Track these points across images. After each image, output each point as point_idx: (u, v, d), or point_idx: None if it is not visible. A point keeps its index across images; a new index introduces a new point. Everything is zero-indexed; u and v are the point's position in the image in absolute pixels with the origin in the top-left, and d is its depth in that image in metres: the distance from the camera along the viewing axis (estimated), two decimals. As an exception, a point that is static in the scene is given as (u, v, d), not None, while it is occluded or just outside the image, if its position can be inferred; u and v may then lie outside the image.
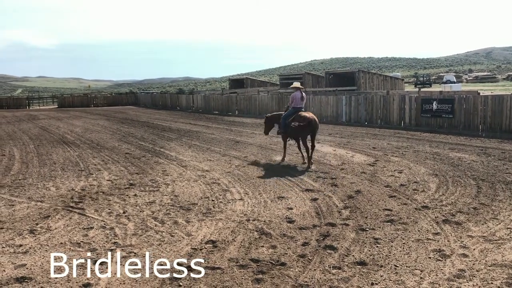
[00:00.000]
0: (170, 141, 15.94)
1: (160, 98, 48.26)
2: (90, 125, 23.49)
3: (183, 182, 8.84)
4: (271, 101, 29.98)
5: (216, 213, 6.66)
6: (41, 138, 17.40)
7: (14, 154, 13.09)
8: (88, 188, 8.43)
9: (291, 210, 6.76)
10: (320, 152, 12.44)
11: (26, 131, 20.94)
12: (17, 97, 69.02)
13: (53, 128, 22.18)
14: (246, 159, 11.49)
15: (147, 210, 6.87)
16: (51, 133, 19.46)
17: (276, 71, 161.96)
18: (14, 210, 6.97)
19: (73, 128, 21.95)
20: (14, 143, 15.98)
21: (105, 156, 12.49)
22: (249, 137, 16.90)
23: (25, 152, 13.48)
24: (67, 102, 54.07)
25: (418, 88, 34.95)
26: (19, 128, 22.65)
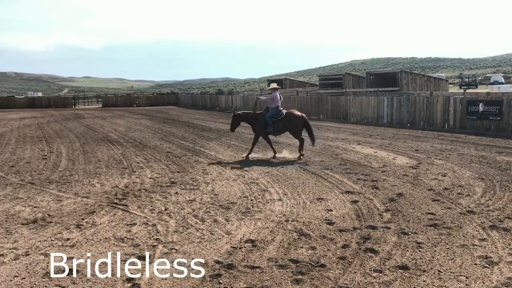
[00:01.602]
0: (209, 140, 16.15)
1: (200, 99, 48.97)
2: (133, 124, 24.12)
3: (222, 181, 8.94)
4: (310, 102, 29.82)
5: (255, 212, 6.69)
6: (87, 137, 18.03)
7: (62, 152, 13.63)
8: (131, 185, 8.66)
9: (331, 211, 6.70)
10: (360, 154, 12.27)
11: (73, 129, 21.75)
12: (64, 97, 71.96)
13: (97, 126, 22.93)
14: (284, 160, 11.47)
15: (188, 208, 6.98)
16: (96, 132, 20.13)
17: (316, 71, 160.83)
18: (62, 205, 7.26)
19: (116, 127, 22.61)
20: (61, 141, 16.64)
21: (148, 154, 12.79)
22: (287, 138, 16.81)
23: (72, 150, 14.01)
24: (111, 102, 55.74)
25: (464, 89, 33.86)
26: (65, 126, 23.56)
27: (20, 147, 14.83)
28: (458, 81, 74.80)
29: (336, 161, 11.11)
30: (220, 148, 13.92)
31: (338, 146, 14.12)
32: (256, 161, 11.38)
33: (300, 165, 10.60)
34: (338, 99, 27.37)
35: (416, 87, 36.55)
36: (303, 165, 10.60)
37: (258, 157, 11.95)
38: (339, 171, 9.83)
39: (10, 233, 5.81)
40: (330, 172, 9.72)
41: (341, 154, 12.27)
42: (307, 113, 27.06)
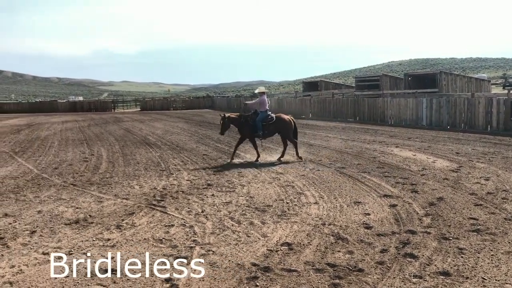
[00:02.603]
0: (244, 143, 16.19)
1: (235, 102, 49.33)
2: (170, 128, 24.56)
3: (258, 184, 8.96)
4: (346, 104, 29.48)
5: (291, 215, 6.66)
6: (126, 139, 18.49)
7: (102, 154, 14.03)
8: (169, 187, 8.81)
9: (368, 215, 6.59)
10: (399, 157, 12.03)
11: (112, 132, 22.36)
12: (104, 101, 74.13)
13: (136, 130, 23.47)
14: (320, 163, 11.39)
15: (224, 210, 7.03)
16: (134, 135, 20.61)
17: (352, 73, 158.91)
18: (103, 206, 7.46)
19: (154, 130, 23.07)
20: (102, 143, 17.13)
21: (184, 157, 12.99)
22: (323, 140, 16.74)
23: (111, 152, 14.39)
24: (148, 105, 57.03)
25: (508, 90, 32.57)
26: (105, 129, 24.24)
27: (62, 150, 15.37)
28: (501, 81, 72.08)
29: (374, 164, 10.93)
30: (255, 151, 13.93)
31: (376, 149, 13.89)
32: (291, 163, 11.35)
33: (337, 168, 10.49)
34: (375, 101, 26.95)
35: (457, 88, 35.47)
36: (339, 168, 10.48)
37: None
38: (377, 174, 9.66)
39: (54, 233, 6.02)
40: (367, 176, 9.56)
41: (379, 157, 12.06)
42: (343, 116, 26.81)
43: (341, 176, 9.63)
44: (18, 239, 5.77)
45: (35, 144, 17.56)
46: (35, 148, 16.00)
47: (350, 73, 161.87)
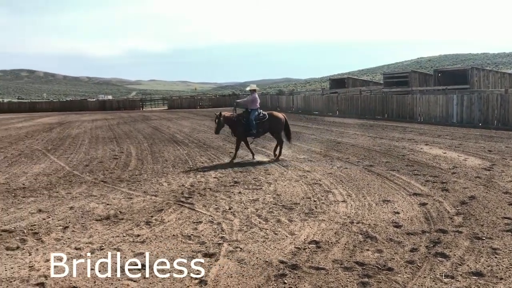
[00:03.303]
0: (270, 140, 16.15)
1: (261, 99, 49.30)
2: (197, 126, 24.78)
3: (284, 182, 8.94)
4: (374, 101, 29.10)
5: (319, 213, 6.62)
6: (154, 137, 18.76)
7: (131, 152, 14.28)
8: (197, 185, 8.90)
9: (398, 214, 6.49)
10: (428, 155, 11.80)
11: (141, 130, 22.72)
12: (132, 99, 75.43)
13: (164, 128, 23.78)
14: (348, 161, 11.28)
15: (251, 207, 7.05)
16: (162, 133, 20.89)
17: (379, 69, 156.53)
18: (132, 203, 7.60)
19: (181, 128, 23.33)
20: (131, 141, 17.44)
21: (211, 154, 13.08)
22: (350, 138, 16.57)
23: (140, 150, 14.63)
24: (175, 104, 57.66)
25: (542, 85, 31.43)
26: (134, 127, 24.66)
27: (93, 148, 15.72)
28: (536, 77, 69.54)
29: (403, 162, 10.75)
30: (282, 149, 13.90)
31: (405, 146, 13.66)
32: (317, 162, 11.28)
33: (365, 166, 10.37)
34: (404, 98, 26.49)
35: (489, 84, 34.50)
36: (368, 166, 10.36)
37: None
38: (406, 173, 9.50)
39: (85, 229, 6.16)
40: (396, 174, 9.42)
41: (408, 155, 11.85)
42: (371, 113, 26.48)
43: (369, 174, 9.51)
44: (51, 234, 5.93)
45: (66, 142, 18.01)
46: (66, 146, 16.41)
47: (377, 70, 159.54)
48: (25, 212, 7.10)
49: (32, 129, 25.19)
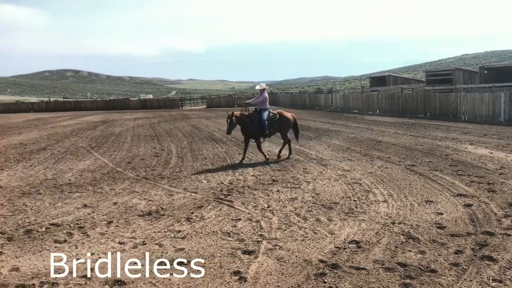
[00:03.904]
0: (309, 139, 16.11)
1: (299, 98, 49.16)
2: (235, 124, 24.90)
3: (323, 181, 8.86)
4: (416, 99, 28.38)
5: (359, 213, 6.53)
6: (193, 135, 19.04)
7: (171, 149, 14.55)
8: (235, 182, 8.96)
9: (441, 215, 6.30)
10: (473, 155, 11.40)
11: (180, 128, 23.11)
12: (172, 98, 76.85)
13: (203, 126, 24.09)
14: (389, 160, 11.05)
15: (290, 206, 7.03)
16: (201, 131, 21.17)
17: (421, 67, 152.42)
18: (173, 199, 7.74)
19: (220, 126, 23.52)
20: (171, 139, 17.77)
21: (249, 152, 13.10)
22: (391, 137, 16.23)
23: (180, 148, 14.88)
24: (214, 103, 58.29)
25: None
26: (174, 126, 25.10)
27: (135, 145, 16.12)
28: None
29: (446, 162, 10.43)
30: (320, 147, 13.82)
31: (448, 146, 13.24)
32: (357, 161, 11.11)
33: (407, 166, 10.13)
34: (447, 96, 25.70)
35: (539, 81, 32.91)
36: (409, 166, 10.12)
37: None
38: (450, 173, 9.21)
39: (129, 224, 6.34)
40: (439, 174, 9.15)
41: (452, 155, 11.49)
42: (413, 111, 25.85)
43: (411, 174, 9.29)
44: (96, 228, 6.13)
45: (109, 139, 18.56)
46: (109, 144, 16.91)
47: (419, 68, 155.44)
48: (71, 207, 7.37)
49: (77, 127, 26.11)
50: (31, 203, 7.70)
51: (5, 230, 6.14)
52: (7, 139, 19.88)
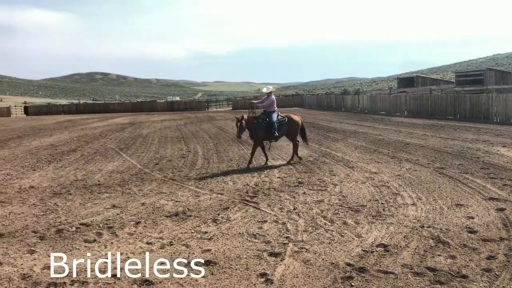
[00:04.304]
0: (335, 141, 15.99)
1: (325, 99, 48.84)
2: (261, 126, 24.92)
3: (350, 183, 8.77)
4: (445, 100, 27.81)
5: (387, 216, 6.43)
6: (219, 137, 19.15)
7: (198, 151, 14.67)
8: (261, 184, 8.96)
9: (472, 219, 6.14)
10: (506, 157, 11.09)
11: (206, 130, 23.28)
12: (198, 100, 77.55)
13: (228, 128, 24.19)
14: (417, 162, 10.85)
15: (316, 208, 6.99)
16: (227, 133, 21.27)
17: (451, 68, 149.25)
18: (199, 200, 7.80)
19: (245, 128, 23.58)
20: (197, 141, 17.93)
21: (275, 154, 13.11)
22: (420, 139, 15.93)
23: (206, 149, 14.99)
24: (240, 105, 58.39)
25: None
26: (200, 127, 25.31)
27: (162, 147, 16.33)
28: None
29: (477, 165, 10.17)
30: (347, 150, 13.69)
31: (479, 148, 12.91)
32: (385, 163, 10.95)
33: (436, 169, 9.93)
34: (478, 97, 25.06)
35: None
36: (438, 169, 9.91)
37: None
38: (481, 176, 8.97)
39: (156, 224, 6.42)
40: (470, 177, 8.92)
41: (483, 157, 11.19)
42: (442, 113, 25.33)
43: (440, 176, 9.09)
44: (125, 228, 6.24)
45: (137, 141, 18.86)
46: (137, 145, 17.18)
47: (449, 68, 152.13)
48: (100, 207, 7.52)
49: (106, 129, 26.64)
50: (62, 203, 7.90)
51: (37, 229, 6.32)
52: (39, 140, 20.44)
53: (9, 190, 9.13)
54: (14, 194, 8.79)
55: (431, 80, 48.84)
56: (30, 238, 5.95)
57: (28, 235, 6.06)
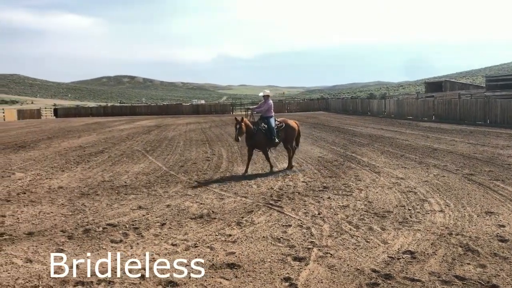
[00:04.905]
0: (361, 146, 15.81)
1: (351, 103, 48.38)
2: (285, 129, 24.86)
3: (376, 189, 8.65)
4: (474, 105, 27.17)
5: (414, 223, 6.31)
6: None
7: (222, 154, 14.74)
8: (285, 188, 8.93)
9: (503, 227, 5.97)
10: (538, 164, 10.73)
11: (231, 133, 23.30)
12: (223, 104, 77.99)
13: (253, 131, 24.21)
14: (446, 168, 10.62)
15: (341, 213, 6.92)
16: (251, 136, 21.26)
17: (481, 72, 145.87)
18: (224, 203, 7.83)
19: (270, 131, 23.57)
20: (222, 144, 18.01)
21: (299, 158, 13.06)
22: (448, 144, 15.60)
23: (231, 152, 15.04)
24: (264, 108, 58.36)
25: None
26: (225, 131, 25.41)
27: (187, 149, 16.48)
28: None
29: (509, 172, 9.89)
30: (373, 154, 13.52)
31: (510, 154, 12.55)
32: (412, 169, 10.76)
33: (465, 175, 9.70)
34: (510, 102, 24.40)
35: None
36: (467, 175, 9.68)
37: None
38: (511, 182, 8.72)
39: (181, 226, 6.47)
40: (501, 184, 8.68)
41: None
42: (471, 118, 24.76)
43: (469, 183, 8.88)
44: (150, 230, 6.31)
45: (163, 143, 19.08)
46: (163, 147, 17.38)
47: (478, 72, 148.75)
48: (127, 208, 7.63)
49: (133, 131, 27.05)
50: (90, 203, 8.05)
51: (65, 229, 6.45)
52: (68, 142, 20.91)
53: (39, 190, 9.36)
54: (44, 194, 9.01)
55: (460, 84, 47.84)
56: (58, 237, 6.08)
57: (57, 234, 6.20)
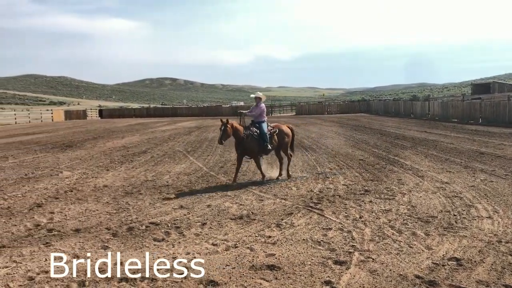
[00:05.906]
0: (404, 149, 15.44)
1: (393, 105, 47.35)
2: (325, 132, 24.68)
3: (420, 193, 8.42)
4: (524, 108, 25.94)
5: (459, 229, 6.10)
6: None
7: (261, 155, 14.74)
8: (325, 191, 8.85)
9: (557, 236, 5.67)
10: None
11: (271, 135, 23.36)
12: (263, 105, 77.78)
13: (292, 133, 24.15)
14: (494, 173, 10.21)
15: (383, 217, 6.78)
16: (291, 138, 21.20)
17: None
18: (263, 204, 7.84)
19: (309, 134, 23.45)
20: (261, 145, 18.03)
21: (340, 161, 12.91)
22: (496, 148, 14.99)
23: (270, 154, 14.99)
24: (303, 110, 58.24)
25: None
26: (264, 132, 25.46)
27: (227, 150, 16.58)
28: None
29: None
30: (417, 158, 13.17)
31: None
32: (457, 173, 10.40)
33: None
34: None
35: None
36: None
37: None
38: None
39: (221, 226, 6.53)
40: (554, 190, 8.26)
41: None
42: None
43: (520, 189, 8.49)
44: (191, 229, 6.41)
45: (203, 144, 19.33)
46: (203, 148, 17.61)
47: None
48: (169, 207, 7.79)
49: (174, 132, 27.56)
50: (133, 202, 8.27)
51: (110, 226, 6.66)
52: (112, 142, 21.56)
53: (85, 188, 9.70)
54: (90, 192, 9.33)
55: (509, 86, 45.88)
56: (103, 234, 6.28)
57: (102, 232, 6.40)
